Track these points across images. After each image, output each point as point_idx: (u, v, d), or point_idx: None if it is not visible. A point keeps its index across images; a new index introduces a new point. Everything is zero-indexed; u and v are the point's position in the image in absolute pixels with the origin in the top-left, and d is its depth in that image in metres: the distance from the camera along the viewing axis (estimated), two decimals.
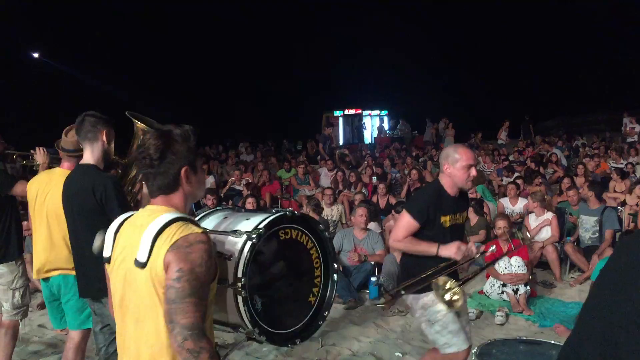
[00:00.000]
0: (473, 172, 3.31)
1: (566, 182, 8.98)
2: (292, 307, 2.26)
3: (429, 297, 3.22)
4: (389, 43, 29.29)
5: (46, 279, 3.64)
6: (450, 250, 3.16)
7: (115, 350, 3.14)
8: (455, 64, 29.39)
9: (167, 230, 1.76)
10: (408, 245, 3.26)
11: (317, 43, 29.38)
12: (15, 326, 4.27)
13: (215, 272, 1.81)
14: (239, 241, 2.08)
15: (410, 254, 3.33)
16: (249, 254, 2.03)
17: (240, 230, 2.12)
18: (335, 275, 2.35)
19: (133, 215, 1.96)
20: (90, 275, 3.08)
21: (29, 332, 5.34)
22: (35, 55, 23.95)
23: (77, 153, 3.53)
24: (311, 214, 7.50)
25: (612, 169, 11.51)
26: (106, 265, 1.95)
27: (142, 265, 1.76)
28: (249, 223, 2.17)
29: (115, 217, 2.97)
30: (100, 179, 3.03)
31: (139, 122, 3.27)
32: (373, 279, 6.30)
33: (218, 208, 2.48)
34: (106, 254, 1.94)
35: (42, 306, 5.46)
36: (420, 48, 28.38)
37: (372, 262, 6.52)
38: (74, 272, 3.35)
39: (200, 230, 1.80)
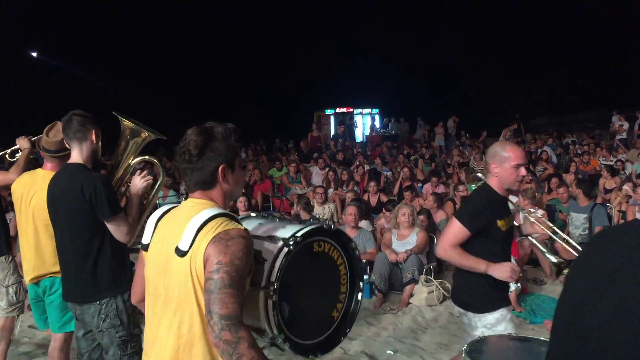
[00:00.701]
0: (522, 171, 3.05)
1: (554, 181, 9.05)
2: (316, 319, 2.25)
3: (493, 316, 3.06)
4: (387, 43, 29.31)
5: (36, 283, 3.58)
6: (503, 273, 3.00)
7: (100, 355, 3.12)
8: (453, 64, 29.36)
9: (211, 223, 1.77)
10: (455, 257, 3.04)
11: (314, 43, 29.34)
12: (11, 324, 4.24)
13: (251, 268, 1.82)
14: (275, 246, 2.08)
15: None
16: (284, 259, 2.02)
17: (277, 237, 2.12)
18: (360, 294, 2.36)
19: (176, 206, 1.98)
20: (73, 278, 3.03)
21: (19, 333, 5.29)
22: (34, 54, 23.76)
23: (60, 154, 3.45)
24: (302, 212, 7.51)
25: (602, 166, 11.60)
26: (143, 252, 1.97)
27: (183, 254, 1.76)
28: (286, 231, 2.16)
29: (105, 218, 2.95)
30: (90, 179, 2.94)
31: (125, 121, 3.20)
32: (365, 277, 6.31)
33: (252, 215, 2.46)
34: (145, 241, 1.95)
35: None
36: (418, 48, 28.42)
37: (364, 261, 6.52)
38: (60, 275, 3.26)
39: (242, 227, 1.82)
